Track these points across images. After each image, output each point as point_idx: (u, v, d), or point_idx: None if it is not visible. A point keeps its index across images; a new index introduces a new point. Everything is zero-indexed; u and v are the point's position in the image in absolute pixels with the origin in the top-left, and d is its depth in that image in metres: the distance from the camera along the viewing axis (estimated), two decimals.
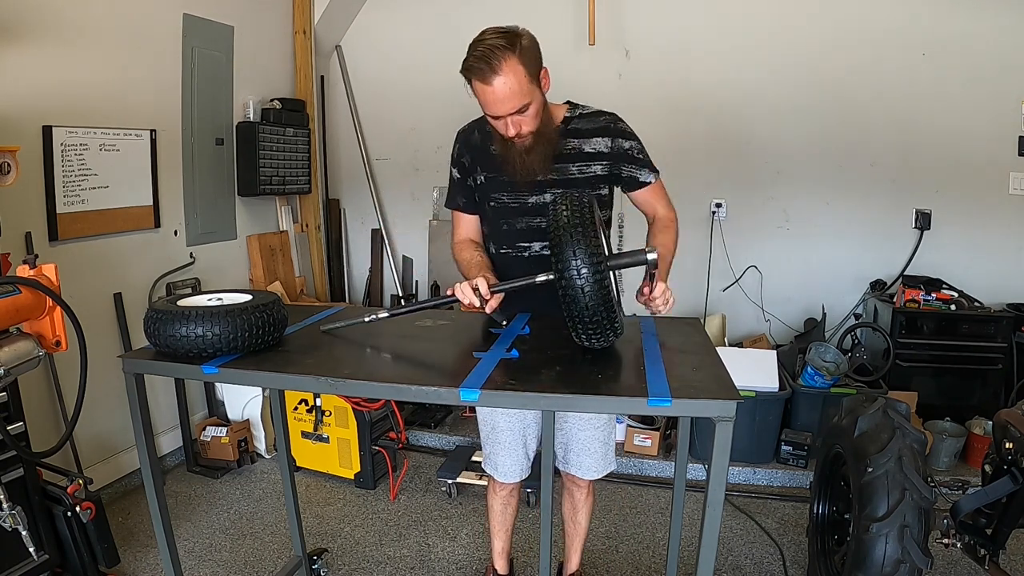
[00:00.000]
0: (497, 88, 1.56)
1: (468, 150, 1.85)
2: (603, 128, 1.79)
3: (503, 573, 2.33)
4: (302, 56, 4.04)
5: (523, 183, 1.77)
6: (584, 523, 2.21)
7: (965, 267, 3.62)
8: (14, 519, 1.73)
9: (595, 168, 1.79)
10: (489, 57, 1.55)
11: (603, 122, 1.80)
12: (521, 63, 1.57)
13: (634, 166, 1.81)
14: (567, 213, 1.34)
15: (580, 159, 1.78)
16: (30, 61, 2.50)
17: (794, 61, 3.69)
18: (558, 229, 1.33)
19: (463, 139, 1.88)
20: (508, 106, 1.59)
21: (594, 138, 1.78)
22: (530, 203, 1.81)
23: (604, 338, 1.42)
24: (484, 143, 1.82)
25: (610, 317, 1.37)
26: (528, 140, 1.69)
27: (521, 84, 1.58)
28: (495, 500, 2.19)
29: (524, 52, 1.58)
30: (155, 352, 1.48)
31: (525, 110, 1.62)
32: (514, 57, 1.56)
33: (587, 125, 1.79)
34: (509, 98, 1.58)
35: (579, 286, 1.31)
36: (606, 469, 2.05)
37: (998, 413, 2.00)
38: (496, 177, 1.80)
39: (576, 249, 1.30)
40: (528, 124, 1.66)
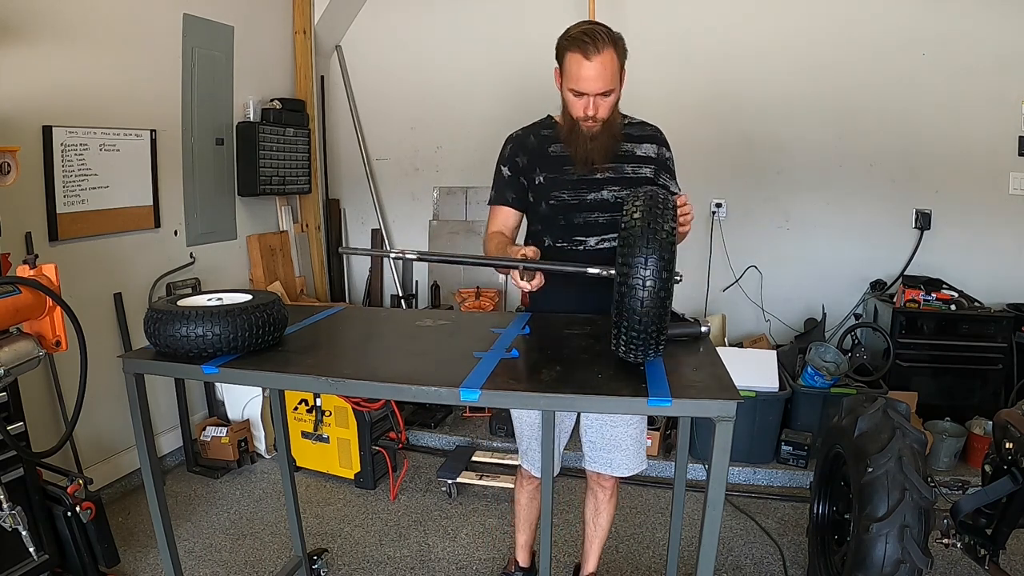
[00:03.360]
0: (595, 65, 1.69)
1: (524, 152, 1.93)
2: (651, 136, 1.93)
3: (525, 566, 2.36)
4: (302, 56, 4.04)
5: (583, 180, 1.86)
6: (605, 525, 2.20)
7: (965, 267, 3.62)
8: (14, 519, 1.73)
9: (645, 171, 1.90)
10: (595, 36, 1.69)
11: (651, 131, 1.95)
12: (616, 53, 1.73)
13: (668, 176, 1.95)
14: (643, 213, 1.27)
15: (633, 161, 1.89)
16: (30, 61, 2.50)
17: (794, 61, 3.69)
18: (633, 228, 1.26)
19: (517, 141, 1.97)
20: (598, 84, 1.71)
21: (644, 144, 1.91)
22: (589, 199, 1.89)
23: (644, 353, 1.33)
24: (541, 146, 1.91)
25: (658, 333, 1.29)
26: (597, 127, 1.79)
27: (614, 70, 1.72)
28: (522, 494, 2.24)
29: (619, 46, 1.74)
30: (155, 352, 1.48)
31: (608, 95, 1.75)
32: (613, 47, 1.72)
33: (638, 132, 1.93)
34: (602, 77, 1.71)
35: (640, 297, 1.24)
36: (639, 467, 2.04)
37: (998, 413, 2.00)
38: (557, 177, 1.88)
39: (649, 257, 1.23)
40: (603, 110, 1.77)
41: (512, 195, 1.95)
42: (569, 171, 1.87)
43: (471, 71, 4.11)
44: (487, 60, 4.07)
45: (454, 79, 4.16)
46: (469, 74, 4.12)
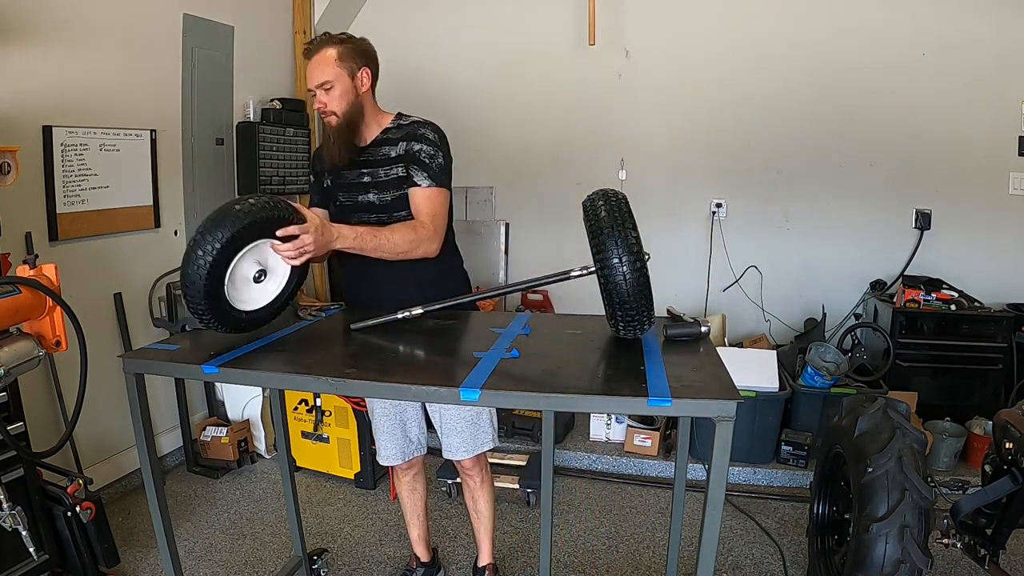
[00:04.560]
0: (311, 64, 1.88)
1: (318, 158, 2.09)
2: (406, 134, 1.94)
3: (425, 560, 2.37)
4: (302, 56, 4.03)
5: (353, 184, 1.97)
6: (486, 511, 2.23)
7: (965, 267, 3.62)
8: (14, 519, 1.73)
9: (397, 170, 1.93)
10: (315, 42, 1.90)
11: (409, 128, 1.96)
12: (338, 54, 1.87)
13: (415, 167, 1.92)
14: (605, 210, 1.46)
15: (387, 162, 1.94)
16: (30, 61, 2.50)
17: (794, 61, 3.69)
18: (599, 223, 1.44)
19: (316, 151, 2.16)
20: (314, 78, 1.87)
21: (399, 143, 1.94)
22: (359, 200, 1.98)
23: (640, 326, 1.51)
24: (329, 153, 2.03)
25: (648, 306, 1.48)
26: (333, 120, 1.90)
27: (329, 66, 1.86)
28: (401, 488, 2.27)
29: (346, 47, 1.88)
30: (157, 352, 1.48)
31: (329, 88, 1.87)
32: (333, 47, 1.87)
33: (397, 133, 1.96)
34: (316, 72, 1.87)
35: (621, 281, 1.42)
36: (477, 448, 2.08)
37: (998, 413, 2.00)
38: (337, 180, 2.01)
39: (619, 241, 1.41)
40: (332, 103, 1.88)
41: (317, 198, 2.11)
42: (345, 175, 1.99)
43: (472, 71, 4.11)
44: (488, 60, 4.07)
45: (454, 79, 4.16)
46: (470, 74, 4.12)
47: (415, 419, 2.15)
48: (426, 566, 2.38)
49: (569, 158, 4.08)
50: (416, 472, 2.26)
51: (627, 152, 3.97)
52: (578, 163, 4.07)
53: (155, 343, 1.70)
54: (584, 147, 4.06)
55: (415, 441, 2.17)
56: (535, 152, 4.14)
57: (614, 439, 3.40)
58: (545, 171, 4.15)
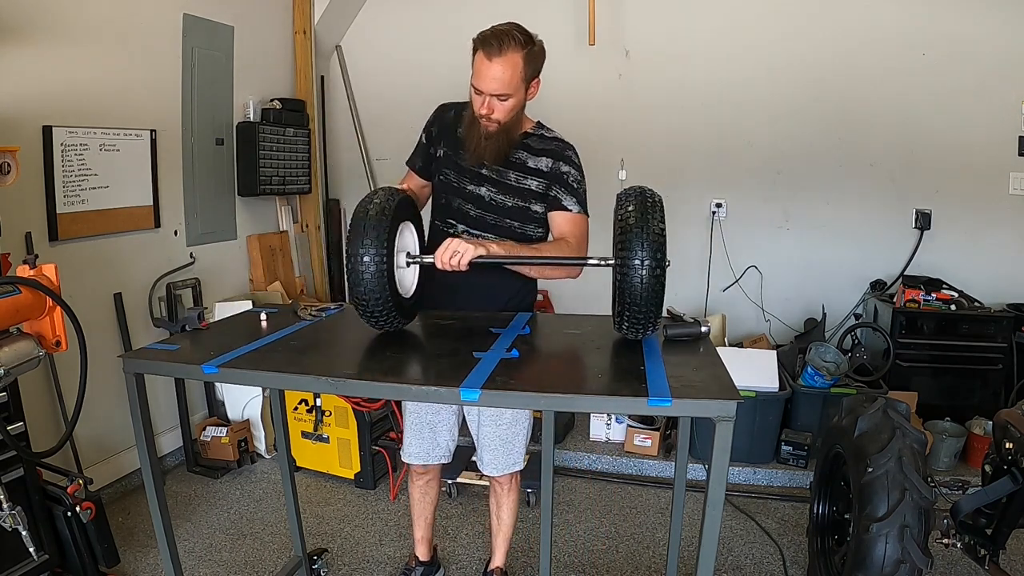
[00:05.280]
0: (494, 67, 1.73)
1: (439, 124, 2.00)
2: (552, 151, 1.91)
3: (425, 560, 2.38)
4: (302, 56, 4.04)
5: (468, 169, 1.91)
6: (507, 519, 2.24)
7: (965, 267, 3.62)
8: (14, 519, 1.73)
9: (530, 183, 1.90)
10: (502, 39, 1.72)
11: (555, 146, 1.92)
12: (523, 60, 1.74)
13: (563, 190, 1.90)
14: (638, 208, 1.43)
15: (521, 170, 1.90)
16: (30, 61, 2.50)
17: (794, 61, 3.69)
18: (628, 219, 1.42)
19: (439, 113, 2.03)
20: (494, 86, 1.75)
21: (541, 156, 1.90)
22: (467, 190, 1.93)
23: (644, 329, 1.50)
24: (455, 123, 1.96)
25: (657, 311, 1.46)
26: (492, 127, 1.82)
27: (514, 76, 1.74)
28: (414, 489, 2.26)
29: (530, 54, 1.75)
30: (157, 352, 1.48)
31: (505, 100, 1.78)
32: (520, 51, 1.73)
33: (540, 144, 1.92)
34: (498, 80, 1.74)
35: (637, 281, 1.40)
36: (507, 468, 2.07)
37: (998, 413, 2.00)
38: (451, 155, 1.94)
39: (644, 246, 1.39)
40: (500, 113, 1.79)
41: (420, 162, 2.03)
42: (463, 155, 1.92)
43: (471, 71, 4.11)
44: None
45: (454, 79, 4.14)
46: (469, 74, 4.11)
47: (447, 425, 2.10)
48: (426, 565, 2.38)
49: None
50: (432, 477, 2.23)
51: (627, 152, 3.97)
52: None
53: (155, 343, 1.70)
54: (584, 147, 3.99)
55: (443, 447, 2.12)
56: None
57: (614, 439, 3.40)
58: None
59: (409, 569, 2.38)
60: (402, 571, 2.41)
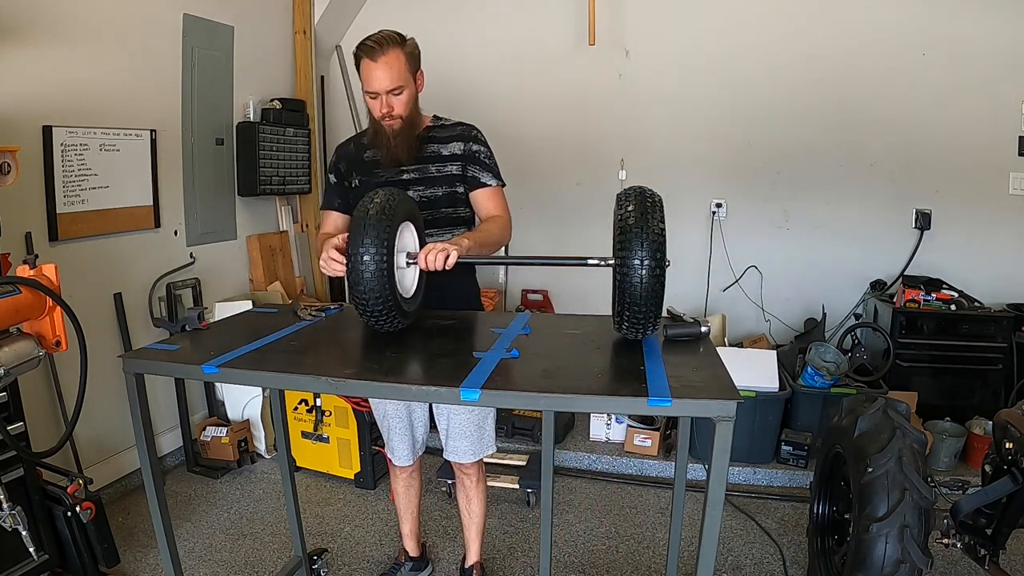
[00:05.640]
0: (380, 65, 1.85)
1: (344, 159, 2.09)
2: (459, 135, 2.02)
3: (415, 555, 2.41)
4: (302, 56, 4.04)
5: (389, 182, 1.97)
6: (479, 510, 2.29)
7: (965, 267, 3.62)
8: (14, 519, 1.73)
9: (451, 168, 2.00)
10: (380, 42, 1.86)
11: (460, 130, 2.04)
12: (404, 55, 1.88)
13: (478, 167, 2.02)
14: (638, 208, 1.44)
15: (438, 160, 2.00)
16: (30, 61, 2.50)
17: (794, 61, 3.69)
18: (628, 219, 1.43)
19: (340, 149, 2.14)
20: (386, 83, 1.86)
21: (452, 143, 2.01)
22: None
23: (644, 329, 1.50)
24: (358, 152, 2.07)
25: (656, 311, 1.47)
26: (397, 124, 1.92)
27: (400, 69, 1.87)
28: (397, 484, 2.31)
29: (408, 49, 1.90)
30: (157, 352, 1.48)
31: (399, 93, 1.89)
32: (399, 48, 1.87)
33: (446, 133, 2.03)
34: (388, 76, 1.86)
35: (637, 280, 1.40)
36: (482, 452, 2.14)
37: (998, 413, 2.00)
38: (369, 180, 2.01)
39: (644, 246, 1.39)
40: (399, 107, 1.90)
41: (337, 200, 2.09)
42: (379, 174, 2.00)
43: (471, 71, 4.11)
44: (487, 60, 4.07)
45: (453, 79, 4.15)
46: (470, 74, 4.11)
47: (421, 420, 2.19)
48: (415, 560, 2.42)
49: (569, 158, 4.09)
50: (414, 470, 2.30)
51: (627, 152, 3.97)
52: (578, 163, 4.07)
53: (155, 343, 1.70)
54: (584, 147, 4.06)
55: (420, 440, 2.22)
56: (535, 152, 4.14)
57: (614, 439, 3.40)
58: (545, 171, 4.14)
59: (398, 564, 2.42)
60: (391, 566, 2.44)
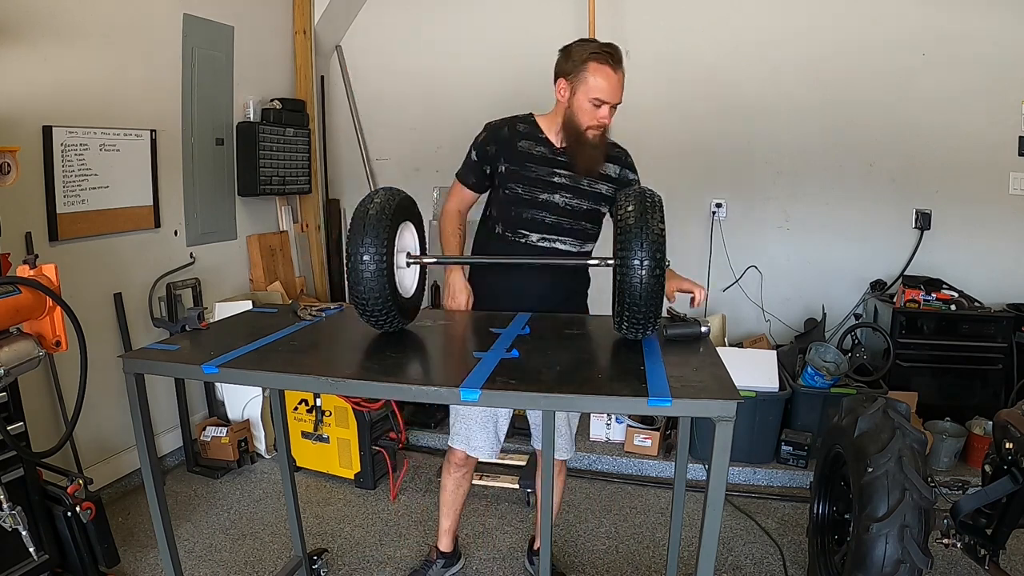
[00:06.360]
0: (620, 77, 1.90)
1: (495, 141, 2.05)
2: (617, 157, 2.06)
3: (447, 551, 2.41)
4: (302, 56, 4.04)
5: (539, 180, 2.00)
6: (556, 500, 2.34)
7: (965, 267, 3.62)
8: (14, 519, 1.73)
9: (602, 187, 2.04)
10: (617, 52, 1.90)
11: (618, 152, 2.08)
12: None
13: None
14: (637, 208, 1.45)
15: (594, 176, 2.02)
16: (30, 61, 2.49)
17: (794, 61, 3.69)
18: (628, 219, 1.43)
19: (491, 130, 2.09)
20: (619, 95, 1.92)
21: (610, 163, 2.04)
22: (541, 198, 2.01)
23: (644, 329, 1.51)
24: (512, 138, 2.04)
25: (656, 311, 1.47)
26: (599, 135, 1.97)
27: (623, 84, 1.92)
28: (449, 480, 2.29)
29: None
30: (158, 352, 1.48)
31: (615, 107, 1.94)
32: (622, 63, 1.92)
33: (609, 150, 2.04)
34: (620, 89, 1.92)
35: (637, 280, 1.41)
36: (571, 451, 2.24)
37: (998, 413, 2.00)
38: (518, 170, 2.01)
39: (645, 242, 1.40)
40: (610, 120, 1.95)
41: (473, 179, 2.11)
42: (530, 168, 2.01)
43: (471, 71, 4.11)
44: (487, 60, 4.07)
45: (454, 79, 4.16)
46: (469, 74, 4.12)
47: (506, 415, 2.19)
48: (447, 556, 2.41)
49: None
50: (469, 470, 2.29)
51: None
52: None
53: (155, 343, 1.70)
54: None
55: (501, 437, 2.20)
56: None
57: (614, 439, 3.40)
58: None
59: (430, 562, 2.40)
60: (422, 562, 2.43)
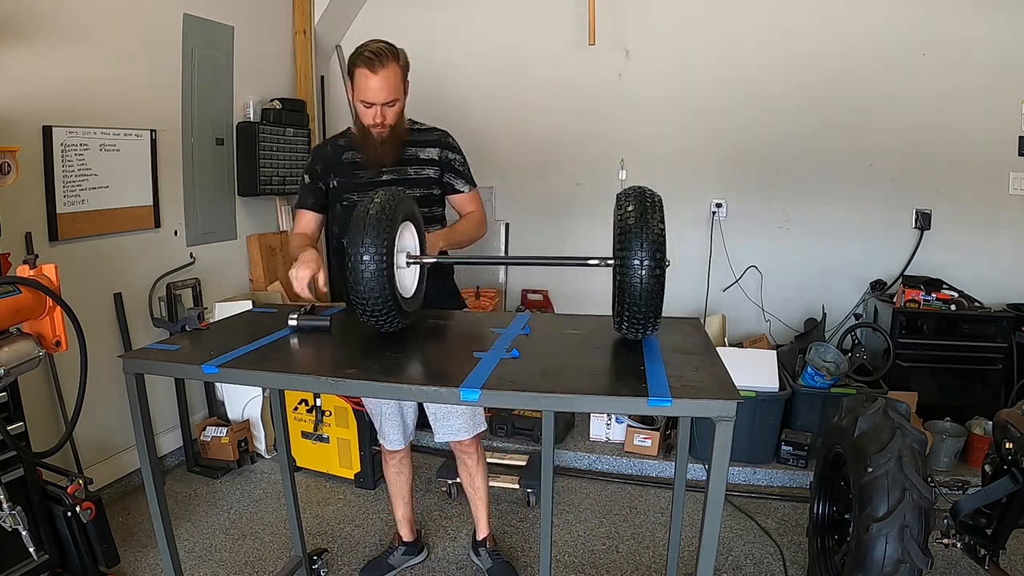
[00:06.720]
0: (379, 78, 1.93)
1: (321, 160, 2.14)
2: (436, 140, 2.13)
3: (408, 540, 2.48)
4: (302, 56, 4.04)
5: (369, 183, 2.05)
6: (482, 485, 2.39)
7: (965, 267, 3.62)
8: (14, 519, 1.73)
9: (428, 171, 2.11)
10: (379, 53, 1.93)
11: (437, 135, 2.15)
12: (399, 68, 1.98)
13: (453, 175, 2.15)
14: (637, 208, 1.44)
15: (416, 163, 2.10)
16: (30, 61, 2.50)
17: (794, 61, 3.70)
18: (627, 219, 1.42)
19: (316, 151, 2.21)
20: (383, 96, 1.95)
21: (428, 147, 2.12)
22: None
23: (644, 329, 1.50)
24: (336, 154, 2.12)
25: (656, 311, 1.46)
26: (385, 132, 2.01)
27: (396, 83, 1.97)
28: (388, 470, 2.40)
29: (402, 63, 2.00)
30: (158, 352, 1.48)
31: (392, 104, 1.98)
32: (396, 62, 1.97)
33: (423, 137, 2.12)
34: (385, 89, 1.94)
35: (637, 280, 1.40)
36: (476, 429, 2.26)
37: (998, 413, 2.00)
38: (348, 180, 2.08)
39: (645, 242, 1.39)
40: (390, 117, 2.00)
41: (311, 199, 2.15)
42: (358, 175, 2.07)
43: (471, 72, 4.11)
44: (487, 60, 4.07)
45: (454, 80, 4.16)
46: (469, 75, 4.12)
47: (411, 406, 2.28)
48: (408, 545, 2.47)
49: (569, 158, 4.09)
50: (404, 455, 2.38)
51: (627, 152, 3.97)
52: (578, 163, 4.07)
53: (155, 343, 1.70)
54: (584, 147, 4.06)
55: (410, 426, 2.31)
56: (535, 152, 4.15)
57: (614, 439, 3.40)
58: (545, 171, 4.15)
59: (392, 548, 2.47)
60: (384, 550, 2.49)
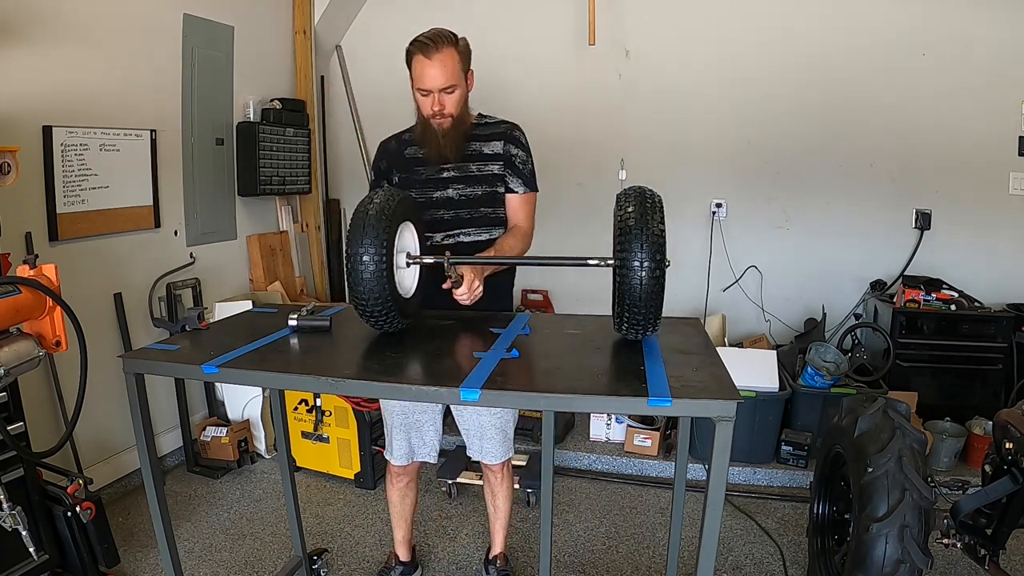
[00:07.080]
0: (435, 63, 1.86)
1: (385, 156, 2.11)
2: (501, 133, 2.05)
3: (405, 560, 2.42)
4: (302, 56, 4.04)
5: (429, 180, 2.01)
6: (504, 506, 2.33)
7: (965, 267, 3.62)
8: (14, 519, 1.73)
9: (492, 167, 2.03)
10: (435, 38, 1.88)
11: (503, 128, 2.06)
12: (458, 53, 1.90)
13: (512, 172, 2.05)
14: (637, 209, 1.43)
15: (480, 159, 2.02)
16: (30, 61, 2.50)
17: (794, 61, 3.69)
18: (628, 220, 1.42)
19: (381, 147, 2.15)
20: (440, 81, 1.88)
21: (492, 141, 2.03)
22: (435, 197, 2.02)
23: (644, 329, 1.50)
24: (399, 149, 2.08)
25: (656, 312, 1.46)
26: (447, 123, 1.93)
27: (454, 67, 1.88)
28: (393, 492, 2.31)
29: (461, 48, 1.92)
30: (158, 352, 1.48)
31: (451, 91, 1.90)
32: (453, 47, 1.89)
33: (488, 130, 2.05)
34: (442, 74, 1.87)
35: (637, 281, 1.40)
36: (506, 455, 2.20)
37: (998, 413, 2.00)
38: (409, 176, 2.04)
39: (644, 247, 1.39)
40: (451, 106, 1.91)
41: None
42: (419, 171, 2.03)
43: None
44: (487, 60, 4.06)
45: None
46: None
47: (432, 423, 2.15)
48: (405, 565, 2.43)
49: (569, 158, 4.08)
50: (411, 479, 2.29)
51: (627, 152, 3.97)
52: (578, 163, 4.07)
53: (155, 343, 1.70)
54: (584, 147, 4.06)
55: (429, 445, 2.18)
56: (535, 152, 4.13)
57: (614, 439, 3.40)
58: (545, 171, 4.08)
59: (388, 568, 2.42)
60: (380, 570, 2.45)
